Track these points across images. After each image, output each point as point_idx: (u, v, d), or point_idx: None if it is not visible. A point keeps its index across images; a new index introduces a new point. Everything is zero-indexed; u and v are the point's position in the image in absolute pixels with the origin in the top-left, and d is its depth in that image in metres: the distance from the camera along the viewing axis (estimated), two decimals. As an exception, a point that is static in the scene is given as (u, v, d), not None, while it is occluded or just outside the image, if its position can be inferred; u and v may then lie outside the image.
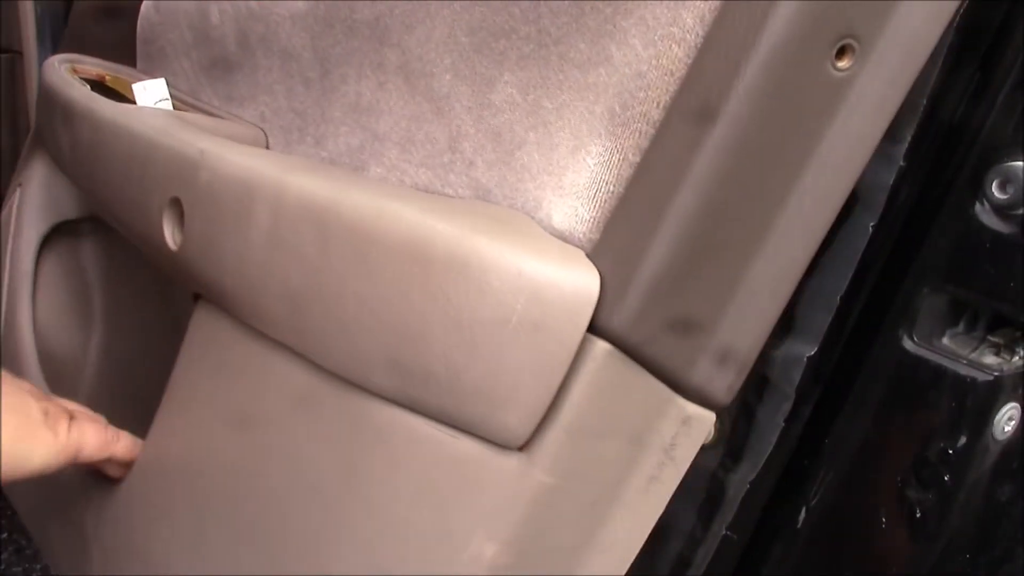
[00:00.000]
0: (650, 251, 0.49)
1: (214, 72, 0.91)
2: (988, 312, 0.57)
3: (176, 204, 0.68)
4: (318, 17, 0.76)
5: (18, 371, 0.98)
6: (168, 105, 0.93)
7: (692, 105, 0.49)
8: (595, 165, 0.53)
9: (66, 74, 0.92)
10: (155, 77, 0.97)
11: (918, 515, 0.56)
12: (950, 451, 0.55)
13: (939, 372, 0.56)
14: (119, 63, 1.04)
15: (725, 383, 0.52)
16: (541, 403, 0.50)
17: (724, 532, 0.60)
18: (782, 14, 0.46)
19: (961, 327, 0.57)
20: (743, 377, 0.52)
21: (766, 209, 0.49)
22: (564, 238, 0.54)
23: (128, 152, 0.73)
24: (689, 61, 0.49)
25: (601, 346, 0.50)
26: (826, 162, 0.49)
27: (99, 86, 0.96)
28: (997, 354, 0.56)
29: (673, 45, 0.50)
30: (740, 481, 0.59)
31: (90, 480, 0.79)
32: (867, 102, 0.48)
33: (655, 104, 0.51)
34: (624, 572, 0.55)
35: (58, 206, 0.97)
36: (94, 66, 0.98)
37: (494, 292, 0.49)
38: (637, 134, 0.51)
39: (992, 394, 0.54)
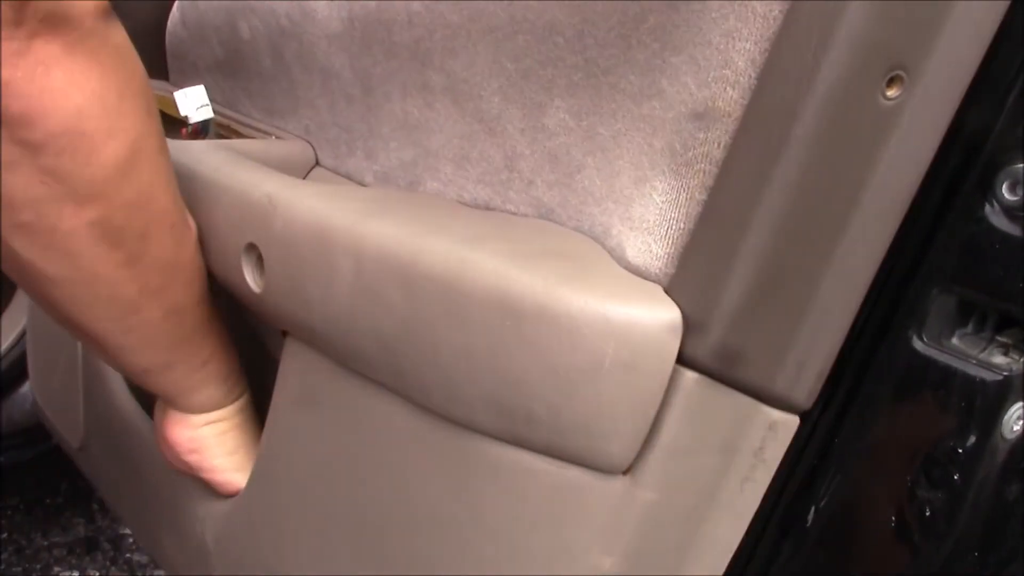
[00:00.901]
0: (726, 284, 0.52)
1: (251, 86, 0.93)
2: (997, 313, 0.57)
3: (253, 249, 0.71)
4: (355, 38, 0.78)
5: (103, 386, 1.03)
6: (208, 111, 0.96)
7: (753, 145, 0.51)
8: (663, 203, 0.56)
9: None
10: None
11: (927, 514, 0.57)
12: (959, 450, 0.56)
13: (948, 372, 0.56)
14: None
15: (805, 390, 0.56)
16: (639, 433, 0.54)
17: None
18: (834, 52, 0.48)
19: (970, 327, 0.58)
20: (821, 383, 0.56)
21: (829, 234, 0.52)
22: (640, 274, 0.57)
23: (191, 194, 0.76)
24: (744, 103, 0.52)
25: (689, 376, 0.54)
26: (881, 187, 0.51)
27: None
28: (1006, 354, 0.57)
29: (727, 87, 0.52)
30: None
31: (202, 497, 0.84)
32: (916, 127, 0.51)
33: (716, 144, 0.53)
34: (725, 567, 0.60)
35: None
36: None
37: (585, 340, 0.53)
38: (702, 173, 0.54)
39: (1001, 394, 0.55)
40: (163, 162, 0.65)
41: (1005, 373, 0.55)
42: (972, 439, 0.56)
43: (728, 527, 0.59)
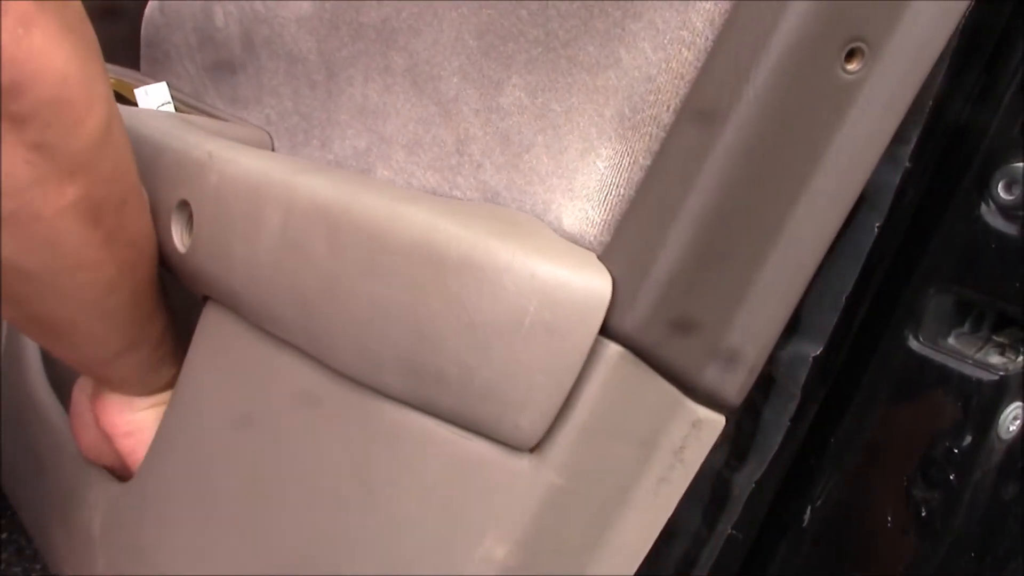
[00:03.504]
0: (661, 254, 0.49)
1: (218, 74, 0.91)
2: (993, 312, 0.57)
3: (184, 206, 0.68)
4: (324, 20, 0.76)
5: (21, 371, 0.98)
6: (170, 108, 0.94)
7: (702, 108, 0.49)
8: (605, 168, 0.53)
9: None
10: (159, 80, 0.97)
11: (923, 514, 0.56)
12: (955, 450, 0.55)
13: (944, 372, 0.56)
14: (119, 63, 1.04)
15: (735, 385, 0.52)
16: (553, 405, 0.50)
17: (729, 531, 0.60)
18: (792, 18, 0.46)
19: (966, 327, 0.58)
20: (753, 379, 0.53)
21: (776, 212, 0.49)
22: (575, 240, 0.54)
23: (135, 155, 0.73)
24: (699, 64, 0.50)
25: (613, 348, 0.50)
26: (835, 164, 0.49)
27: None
28: (1002, 354, 0.56)
29: (683, 49, 0.50)
30: (746, 480, 0.59)
31: (96, 482, 0.79)
32: (876, 105, 0.49)
33: (665, 107, 0.51)
34: (633, 572, 0.55)
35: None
36: (98, 69, 0.98)
37: (507, 295, 0.49)
38: (648, 137, 0.52)
39: (997, 394, 0.54)
40: (122, 121, 0.62)
41: (1001, 373, 0.54)
42: (968, 439, 0.55)
43: (638, 530, 0.55)
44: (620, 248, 0.51)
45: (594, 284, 0.50)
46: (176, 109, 0.92)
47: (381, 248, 0.54)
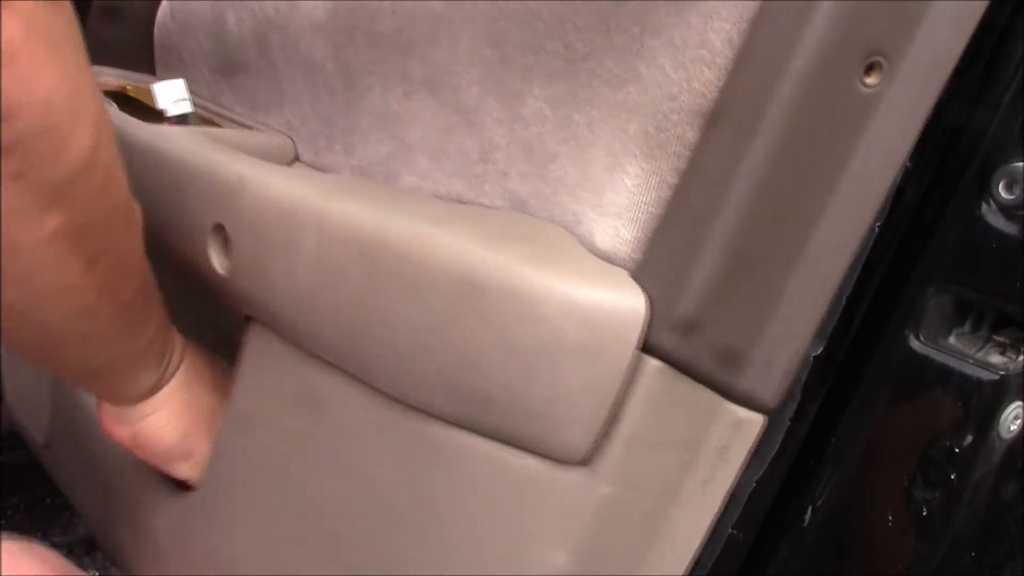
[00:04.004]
0: (694, 270, 0.51)
1: (235, 80, 0.92)
2: (993, 312, 0.57)
3: (220, 230, 0.69)
4: (338, 27, 0.77)
5: (69, 384, 1.01)
6: (187, 105, 0.94)
7: (727, 127, 0.50)
8: (634, 187, 0.54)
9: (90, 91, 0.93)
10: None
11: (924, 514, 0.57)
12: (956, 450, 0.56)
13: (945, 371, 0.56)
14: (119, 64, 1.05)
15: (771, 388, 0.54)
16: (599, 421, 0.52)
17: (730, 531, 0.60)
18: (811, 36, 0.47)
19: (967, 327, 0.58)
20: (789, 380, 0.54)
21: (803, 224, 0.51)
22: (607, 258, 0.55)
23: (165, 176, 0.74)
24: (720, 84, 0.51)
25: (652, 364, 0.52)
26: (858, 175, 0.50)
27: (120, 96, 0.97)
28: (1003, 353, 0.57)
29: (704, 68, 0.51)
30: (746, 480, 0.59)
31: (161, 490, 0.82)
32: (895, 116, 0.49)
33: (690, 126, 0.52)
34: (683, 571, 0.58)
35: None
36: (116, 77, 0.99)
37: (547, 319, 0.51)
38: (675, 156, 0.53)
39: (998, 393, 0.55)
40: (112, 134, 0.58)
41: (1002, 372, 0.55)
42: (969, 439, 0.55)
43: (688, 529, 0.57)
44: (653, 266, 0.53)
45: (630, 304, 0.51)
46: (199, 116, 0.93)
47: (417, 275, 0.55)
